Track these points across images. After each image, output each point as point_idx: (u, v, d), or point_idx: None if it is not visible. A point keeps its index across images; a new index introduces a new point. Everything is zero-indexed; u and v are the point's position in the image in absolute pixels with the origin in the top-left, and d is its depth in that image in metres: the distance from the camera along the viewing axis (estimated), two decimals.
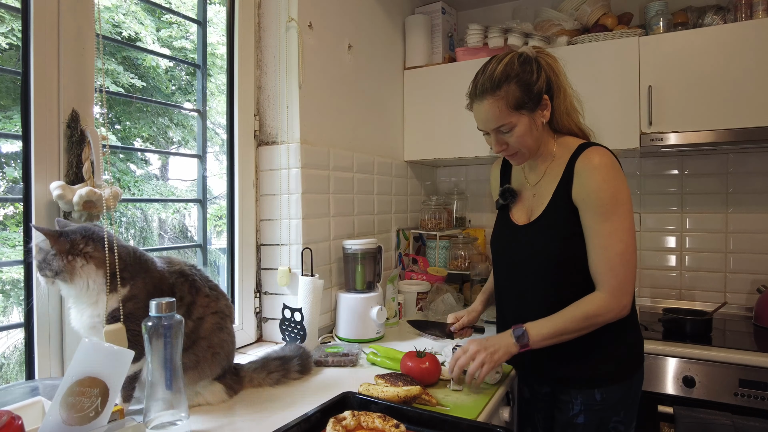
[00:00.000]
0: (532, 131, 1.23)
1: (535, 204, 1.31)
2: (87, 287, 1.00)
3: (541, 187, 1.30)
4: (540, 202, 1.29)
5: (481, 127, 1.27)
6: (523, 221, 1.32)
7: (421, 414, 1.02)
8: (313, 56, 1.76)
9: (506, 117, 1.20)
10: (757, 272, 2.09)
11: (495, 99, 1.20)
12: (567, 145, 1.28)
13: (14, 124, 1.18)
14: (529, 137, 1.23)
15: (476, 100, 1.24)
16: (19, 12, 1.12)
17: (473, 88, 1.25)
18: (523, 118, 1.21)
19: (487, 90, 1.20)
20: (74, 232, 1.01)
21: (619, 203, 1.16)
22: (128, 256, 1.06)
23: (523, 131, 1.22)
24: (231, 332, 1.22)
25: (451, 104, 2.25)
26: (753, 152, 2.10)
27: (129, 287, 1.04)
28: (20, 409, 0.87)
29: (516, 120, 1.21)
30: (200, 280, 1.17)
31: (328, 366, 1.46)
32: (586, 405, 1.25)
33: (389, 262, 2.25)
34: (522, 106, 1.20)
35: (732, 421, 1.54)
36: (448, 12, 2.44)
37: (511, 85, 1.19)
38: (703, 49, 1.82)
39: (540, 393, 1.40)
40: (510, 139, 1.23)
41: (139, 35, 1.87)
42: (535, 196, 1.32)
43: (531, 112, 1.22)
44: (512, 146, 1.25)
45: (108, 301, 1.02)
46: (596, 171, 1.17)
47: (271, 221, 1.74)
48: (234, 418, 1.10)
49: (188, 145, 2.03)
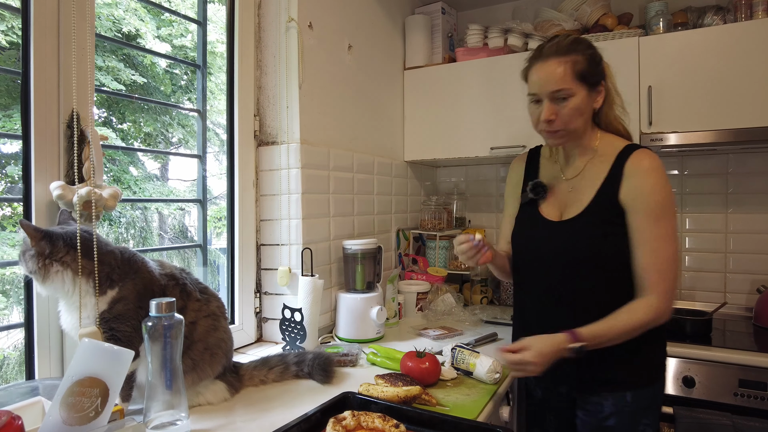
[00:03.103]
0: (584, 110, 1.21)
1: (571, 199, 1.27)
2: (65, 291, 1.00)
3: (580, 183, 1.27)
4: (577, 197, 1.26)
5: (538, 89, 1.21)
6: (554, 217, 1.28)
7: (421, 414, 1.02)
8: (313, 56, 1.76)
9: (568, 82, 1.18)
10: (757, 272, 2.09)
11: (562, 61, 1.18)
12: (610, 143, 1.26)
13: (14, 123, 1.18)
14: (579, 115, 1.20)
15: (539, 61, 1.21)
16: (19, 12, 1.12)
17: (537, 51, 1.23)
18: (582, 91, 1.19)
19: (555, 52, 1.19)
20: (60, 237, 0.99)
21: (668, 208, 1.17)
22: (115, 259, 1.05)
23: (578, 104, 1.19)
24: (227, 330, 1.22)
25: (451, 104, 2.25)
26: (753, 152, 2.10)
27: (118, 289, 1.04)
28: (20, 409, 0.87)
29: (576, 89, 1.18)
30: (191, 284, 1.17)
31: None
32: (617, 407, 1.22)
33: (389, 262, 2.25)
34: (584, 77, 1.19)
35: (732, 422, 1.54)
36: (448, 12, 2.44)
37: (578, 55, 1.18)
38: (703, 49, 1.82)
39: (555, 392, 1.35)
40: (563, 110, 1.19)
41: (140, 32, 1.87)
42: (572, 190, 1.28)
43: (590, 88, 1.20)
44: (561, 119, 1.20)
45: (97, 303, 1.01)
46: (649, 174, 1.17)
47: (271, 221, 1.74)
48: (234, 418, 1.10)
49: (188, 144, 2.03)
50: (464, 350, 1.38)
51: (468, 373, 1.36)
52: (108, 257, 1.04)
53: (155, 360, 0.96)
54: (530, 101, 1.25)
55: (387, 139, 2.26)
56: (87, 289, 1.01)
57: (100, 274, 1.02)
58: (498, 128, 2.14)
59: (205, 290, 1.20)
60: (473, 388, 1.30)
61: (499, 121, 2.13)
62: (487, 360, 1.33)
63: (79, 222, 1.07)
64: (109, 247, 1.06)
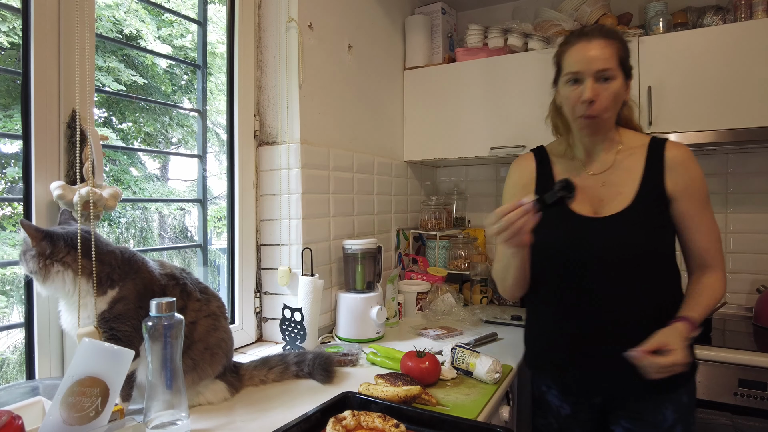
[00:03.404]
0: (620, 98, 1.20)
1: (606, 194, 1.22)
2: (66, 291, 1.00)
3: (612, 177, 1.23)
4: (614, 192, 1.21)
5: (584, 66, 1.15)
6: (588, 213, 1.22)
7: (421, 414, 1.02)
8: (313, 56, 1.76)
9: (614, 63, 1.16)
10: (757, 272, 2.09)
11: (608, 42, 1.16)
12: (635, 138, 1.27)
13: (15, 123, 1.18)
14: (617, 101, 1.19)
15: (585, 39, 1.17)
16: (20, 12, 1.12)
17: (578, 32, 1.20)
18: (620, 77, 1.18)
19: (601, 33, 1.17)
20: (61, 238, 0.99)
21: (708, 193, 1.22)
22: (115, 259, 1.05)
23: (618, 89, 1.17)
24: (227, 330, 1.22)
25: (451, 104, 2.25)
26: (753, 152, 2.10)
27: (118, 289, 1.04)
28: (20, 409, 0.87)
29: (617, 73, 1.17)
30: (191, 284, 1.17)
31: None
32: (679, 412, 1.16)
33: (389, 262, 2.25)
34: (624, 65, 1.19)
35: (732, 421, 1.54)
36: (447, 12, 2.44)
37: (618, 43, 1.19)
38: (703, 49, 1.82)
39: (587, 404, 1.27)
40: (605, 92, 1.16)
41: (141, 33, 1.87)
42: (605, 185, 1.23)
43: (625, 78, 1.21)
44: (602, 101, 1.15)
45: (97, 303, 1.01)
46: (692, 161, 1.21)
47: (271, 221, 1.74)
48: (234, 418, 1.10)
49: (188, 144, 2.03)
50: (464, 350, 1.38)
51: (468, 372, 1.36)
52: (108, 257, 1.04)
53: (155, 360, 0.96)
54: (566, 82, 1.20)
55: (387, 139, 2.26)
56: (87, 289, 1.01)
57: (100, 274, 1.02)
58: (498, 128, 2.14)
59: (206, 290, 1.20)
60: (473, 387, 1.30)
61: (499, 121, 2.13)
62: (487, 360, 1.33)
63: (79, 222, 1.07)
64: (109, 247, 1.06)
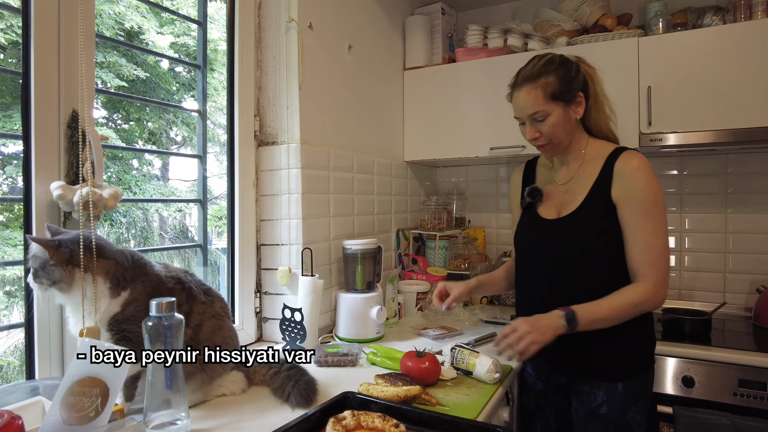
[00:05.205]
0: (565, 124, 1.30)
1: (567, 200, 1.35)
2: (85, 295, 1.00)
3: (574, 185, 1.35)
4: (572, 198, 1.34)
5: (518, 114, 1.34)
6: (553, 216, 1.37)
7: (420, 414, 1.02)
8: (313, 56, 1.76)
9: (542, 105, 1.27)
10: (757, 272, 2.09)
11: (533, 87, 1.28)
12: (600, 148, 1.35)
13: (15, 123, 1.18)
14: (560, 129, 1.29)
15: (516, 89, 1.32)
16: (19, 12, 1.12)
17: (515, 78, 1.34)
18: (558, 109, 1.28)
19: (528, 78, 1.29)
20: (72, 242, 1.00)
21: (659, 203, 1.24)
22: (126, 260, 1.06)
23: (556, 121, 1.28)
24: (231, 329, 1.25)
25: (451, 104, 2.25)
26: (753, 152, 2.10)
27: (129, 291, 1.05)
28: (20, 409, 0.87)
29: (551, 109, 1.27)
30: (195, 286, 1.18)
31: (328, 366, 1.46)
32: (609, 396, 1.28)
33: (389, 262, 2.25)
34: (557, 97, 1.27)
35: (731, 421, 1.54)
36: (447, 13, 2.44)
37: (550, 77, 1.27)
38: (703, 49, 1.83)
39: (555, 384, 1.42)
40: (543, 128, 1.29)
41: (142, 28, 1.87)
42: (567, 192, 1.37)
43: (566, 104, 1.29)
44: (544, 135, 1.30)
45: (109, 305, 1.03)
46: (639, 172, 1.25)
47: (271, 221, 1.75)
48: (234, 417, 1.11)
49: (192, 143, 2.03)
50: (464, 350, 1.39)
51: (468, 372, 1.36)
52: (119, 257, 1.06)
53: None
54: (519, 123, 1.37)
55: (387, 139, 2.27)
56: (103, 290, 1.02)
57: (116, 274, 1.03)
58: (498, 128, 2.14)
59: (209, 291, 1.22)
60: (473, 387, 1.30)
61: (499, 121, 2.13)
62: (486, 360, 1.33)
63: (81, 223, 1.07)
64: (118, 248, 1.08)
